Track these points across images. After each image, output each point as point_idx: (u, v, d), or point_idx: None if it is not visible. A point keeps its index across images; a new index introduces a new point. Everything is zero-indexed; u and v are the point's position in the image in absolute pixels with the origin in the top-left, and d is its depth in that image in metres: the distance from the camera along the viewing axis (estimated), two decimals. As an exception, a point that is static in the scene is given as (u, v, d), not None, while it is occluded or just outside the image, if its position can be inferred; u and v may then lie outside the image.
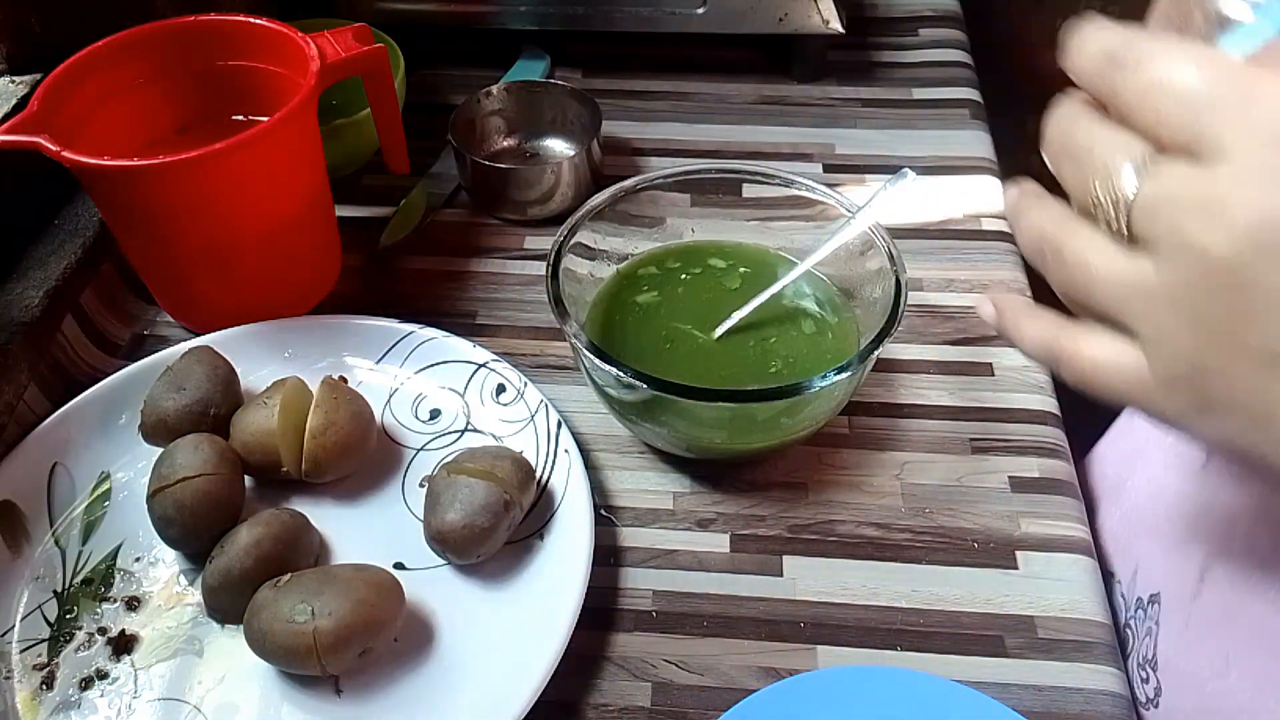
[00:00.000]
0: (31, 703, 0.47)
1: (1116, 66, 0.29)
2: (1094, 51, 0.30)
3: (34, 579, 0.52)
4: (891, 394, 0.62)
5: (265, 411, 0.53)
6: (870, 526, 0.55)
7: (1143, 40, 0.29)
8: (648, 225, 0.63)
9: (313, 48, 0.59)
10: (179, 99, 0.63)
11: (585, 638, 0.49)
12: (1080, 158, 0.30)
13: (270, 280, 0.63)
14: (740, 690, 0.48)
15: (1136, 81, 0.28)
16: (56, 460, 0.55)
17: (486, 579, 0.52)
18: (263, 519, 0.49)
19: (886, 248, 0.55)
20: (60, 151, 0.52)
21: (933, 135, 0.80)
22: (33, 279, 0.60)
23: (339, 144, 0.71)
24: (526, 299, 0.68)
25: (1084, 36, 0.31)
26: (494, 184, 0.72)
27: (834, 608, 0.52)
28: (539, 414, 0.57)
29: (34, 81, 0.61)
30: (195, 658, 0.49)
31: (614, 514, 0.56)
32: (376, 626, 0.46)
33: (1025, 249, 0.33)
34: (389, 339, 0.61)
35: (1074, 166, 0.31)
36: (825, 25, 0.80)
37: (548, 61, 0.87)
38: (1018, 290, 0.68)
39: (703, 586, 0.53)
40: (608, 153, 0.77)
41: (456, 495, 0.50)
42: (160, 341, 0.64)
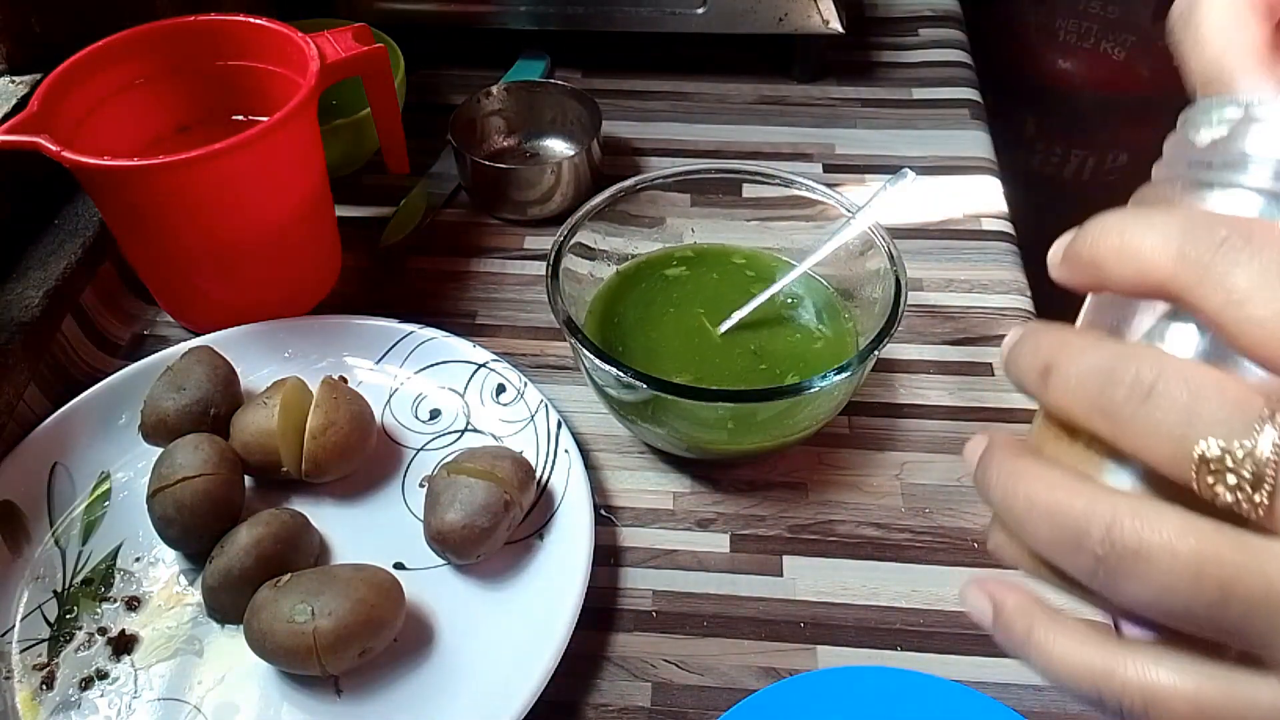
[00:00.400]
0: (31, 703, 0.47)
1: (1228, 245, 0.22)
2: (1172, 228, 0.23)
3: (34, 579, 0.52)
4: (891, 394, 0.62)
5: (265, 411, 0.53)
6: (870, 526, 0.55)
7: (1246, 228, 0.22)
8: (648, 225, 0.63)
9: (313, 48, 0.59)
10: (179, 99, 0.63)
11: (585, 638, 0.49)
12: (1174, 397, 0.21)
13: (270, 280, 0.63)
14: (740, 690, 0.48)
15: (1266, 260, 0.21)
16: (56, 460, 0.55)
17: (486, 579, 0.52)
18: (263, 519, 0.49)
19: (886, 248, 0.55)
20: (60, 151, 0.52)
21: (933, 135, 0.80)
22: (33, 279, 0.60)
23: (339, 144, 0.71)
24: (526, 299, 0.68)
25: (1124, 222, 0.23)
26: (494, 184, 0.72)
27: (834, 608, 0.52)
28: (539, 414, 0.57)
29: (34, 81, 0.61)
30: (195, 658, 0.49)
31: (614, 514, 0.56)
32: (376, 626, 0.46)
33: (1040, 544, 0.24)
34: (389, 339, 0.61)
35: (1165, 408, 0.22)
36: (825, 25, 0.80)
37: (548, 61, 0.87)
38: (1017, 290, 0.68)
39: (703, 586, 0.53)
40: (608, 153, 0.77)
41: (456, 495, 0.50)
42: (160, 341, 0.64)
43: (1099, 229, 0.24)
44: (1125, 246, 0.23)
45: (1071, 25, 1.21)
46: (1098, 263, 0.23)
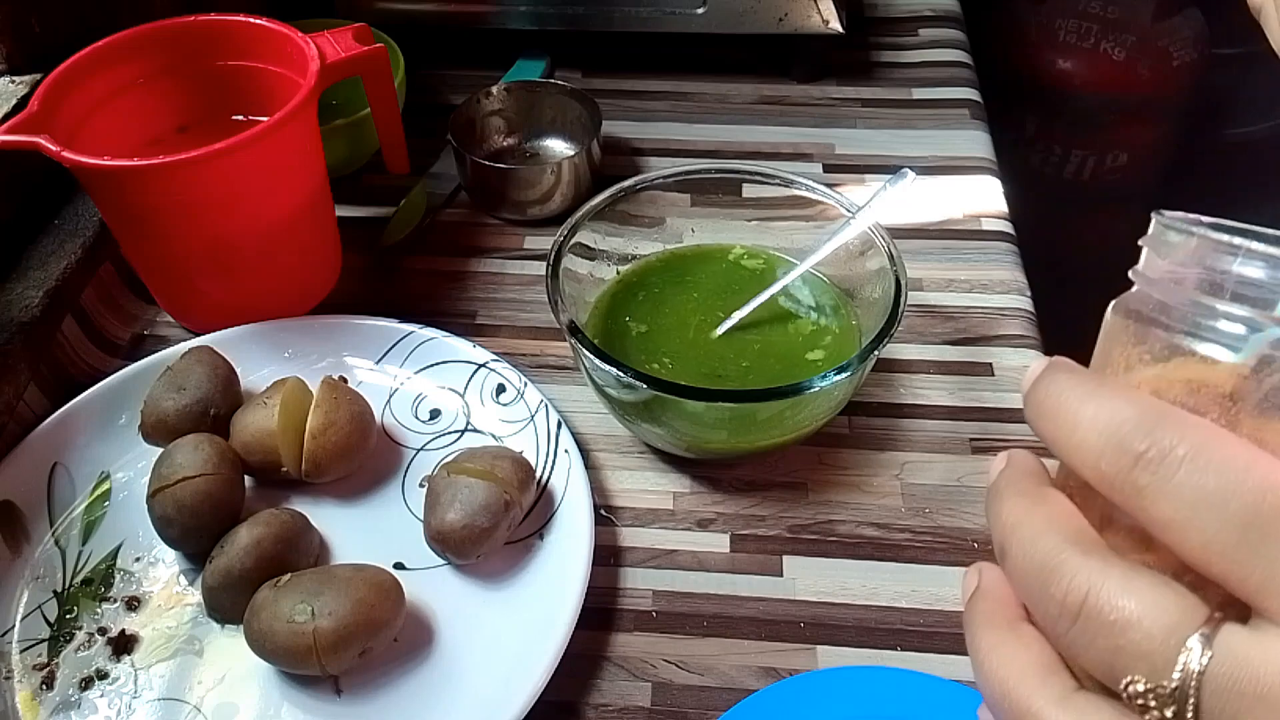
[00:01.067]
0: (31, 703, 0.47)
1: (1142, 465, 0.22)
2: (1095, 435, 0.23)
3: (34, 579, 0.52)
4: (891, 394, 0.62)
5: (265, 411, 0.53)
6: (870, 526, 0.55)
7: (1178, 423, 0.22)
8: (648, 225, 0.63)
9: (313, 48, 0.59)
10: (179, 99, 0.63)
11: (585, 638, 0.49)
12: (1100, 624, 0.22)
13: (270, 280, 0.63)
14: (740, 690, 0.48)
15: (1177, 488, 0.21)
16: (56, 460, 0.55)
17: (486, 579, 0.52)
18: (263, 519, 0.49)
19: (886, 248, 0.55)
20: (60, 151, 0.52)
21: (933, 135, 0.80)
22: (33, 279, 0.60)
23: (339, 144, 0.71)
24: (526, 299, 0.68)
25: (1071, 399, 0.24)
26: (494, 184, 0.72)
27: (834, 608, 0.52)
28: (539, 414, 0.57)
29: (34, 81, 0.61)
30: (195, 658, 0.49)
31: (614, 514, 0.56)
32: (376, 626, 0.46)
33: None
34: (389, 339, 0.61)
35: (1090, 634, 0.22)
36: (825, 25, 0.80)
37: (548, 61, 0.87)
38: (1017, 290, 0.68)
39: (703, 586, 0.53)
40: (608, 153, 0.77)
41: (456, 495, 0.50)
42: (160, 341, 0.64)
43: (1042, 404, 0.24)
44: (1059, 436, 0.24)
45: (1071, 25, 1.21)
46: (1040, 435, 0.25)
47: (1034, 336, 0.65)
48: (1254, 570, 0.20)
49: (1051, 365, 0.25)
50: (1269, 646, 0.20)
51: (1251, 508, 0.20)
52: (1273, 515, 0.20)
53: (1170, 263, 0.25)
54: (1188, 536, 0.21)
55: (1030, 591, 0.24)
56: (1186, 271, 0.24)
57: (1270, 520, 0.20)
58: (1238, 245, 0.23)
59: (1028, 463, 0.26)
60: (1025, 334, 0.65)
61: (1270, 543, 0.20)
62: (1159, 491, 0.21)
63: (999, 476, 0.26)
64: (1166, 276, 0.25)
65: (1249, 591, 0.21)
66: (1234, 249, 0.23)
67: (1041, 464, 0.26)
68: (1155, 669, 0.21)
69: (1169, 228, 0.25)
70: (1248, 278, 0.23)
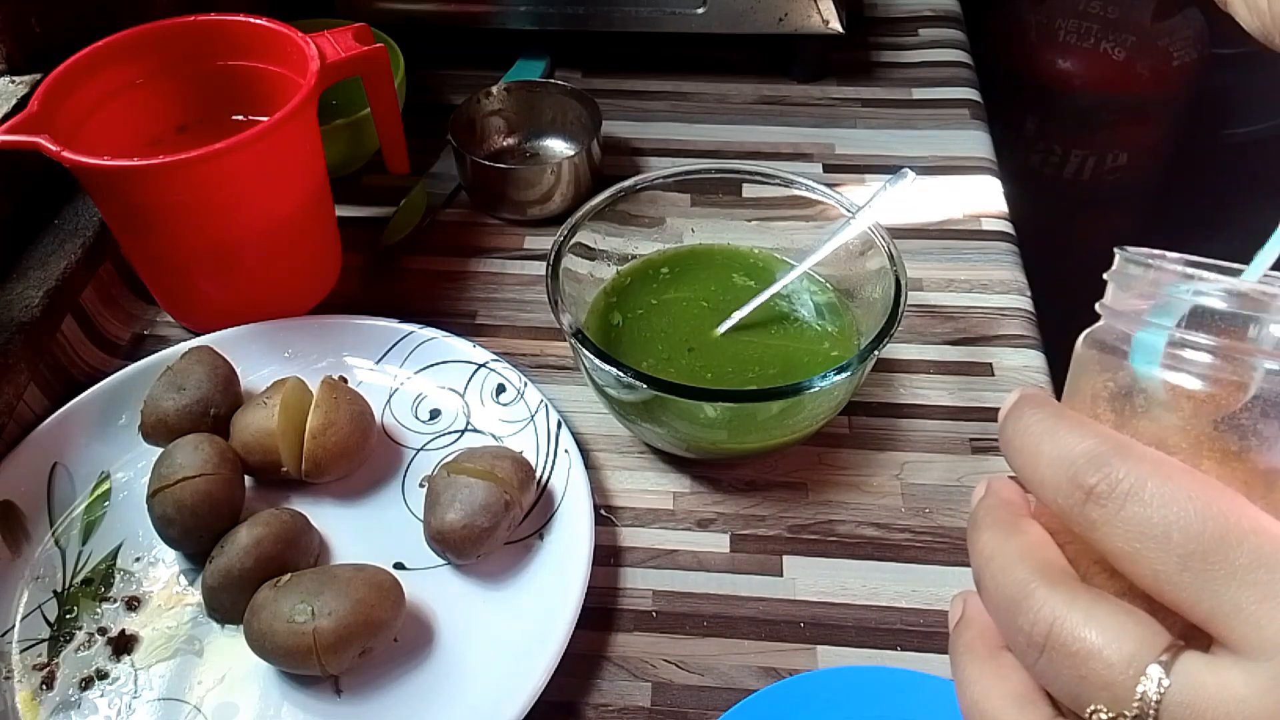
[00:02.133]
0: (31, 703, 0.47)
1: (1093, 500, 0.22)
2: (1052, 470, 0.24)
3: (34, 579, 0.52)
4: (891, 394, 0.62)
5: (265, 411, 0.53)
6: (870, 526, 0.55)
7: (1125, 455, 0.22)
8: (648, 225, 0.63)
9: (313, 48, 0.59)
10: (179, 99, 0.63)
11: (585, 638, 0.49)
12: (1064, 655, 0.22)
13: (270, 280, 0.63)
14: (740, 690, 0.48)
15: (1124, 522, 0.22)
16: (56, 460, 0.55)
17: (486, 579, 0.52)
18: (263, 519, 0.49)
19: (886, 248, 0.55)
20: (60, 151, 0.52)
21: (933, 135, 0.80)
22: (33, 279, 0.60)
23: (339, 144, 0.71)
24: (526, 299, 0.68)
25: (1034, 435, 0.24)
26: (494, 184, 0.72)
27: (834, 608, 0.52)
28: (539, 414, 0.57)
29: (34, 81, 0.61)
30: (195, 658, 0.49)
31: (614, 514, 0.56)
32: (376, 626, 0.46)
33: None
34: (389, 339, 0.61)
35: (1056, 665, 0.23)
36: (825, 25, 0.80)
37: (548, 61, 0.87)
38: (1017, 290, 0.68)
39: (703, 586, 0.53)
40: (608, 153, 0.77)
41: (456, 495, 0.50)
42: (160, 341, 0.64)
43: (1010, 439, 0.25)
44: (1024, 471, 0.25)
45: (1071, 25, 1.21)
46: (1012, 469, 0.25)
47: (1034, 336, 0.65)
48: (1201, 598, 0.21)
49: (1021, 399, 0.26)
50: (1223, 674, 0.20)
51: (1194, 538, 0.21)
52: (1214, 545, 0.21)
53: (1133, 295, 0.25)
54: (1138, 568, 0.22)
55: (1002, 623, 0.24)
56: (1147, 304, 0.25)
57: (1212, 550, 0.21)
58: (1192, 275, 0.24)
59: (1005, 492, 0.27)
60: (1025, 334, 0.65)
61: (1213, 572, 0.21)
62: (1109, 525, 0.22)
63: (978, 506, 0.27)
64: (1129, 309, 0.25)
65: (1201, 619, 0.21)
66: (1189, 279, 0.24)
67: (1020, 493, 0.27)
68: (1116, 698, 0.21)
69: (1130, 261, 0.25)
70: (1204, 307, 0.23)
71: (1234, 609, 0.20)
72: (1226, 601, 0.21)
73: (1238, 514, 0.21)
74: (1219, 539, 0.21)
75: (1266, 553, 0.20)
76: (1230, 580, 0.21)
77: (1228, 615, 0.21)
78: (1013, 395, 0.26)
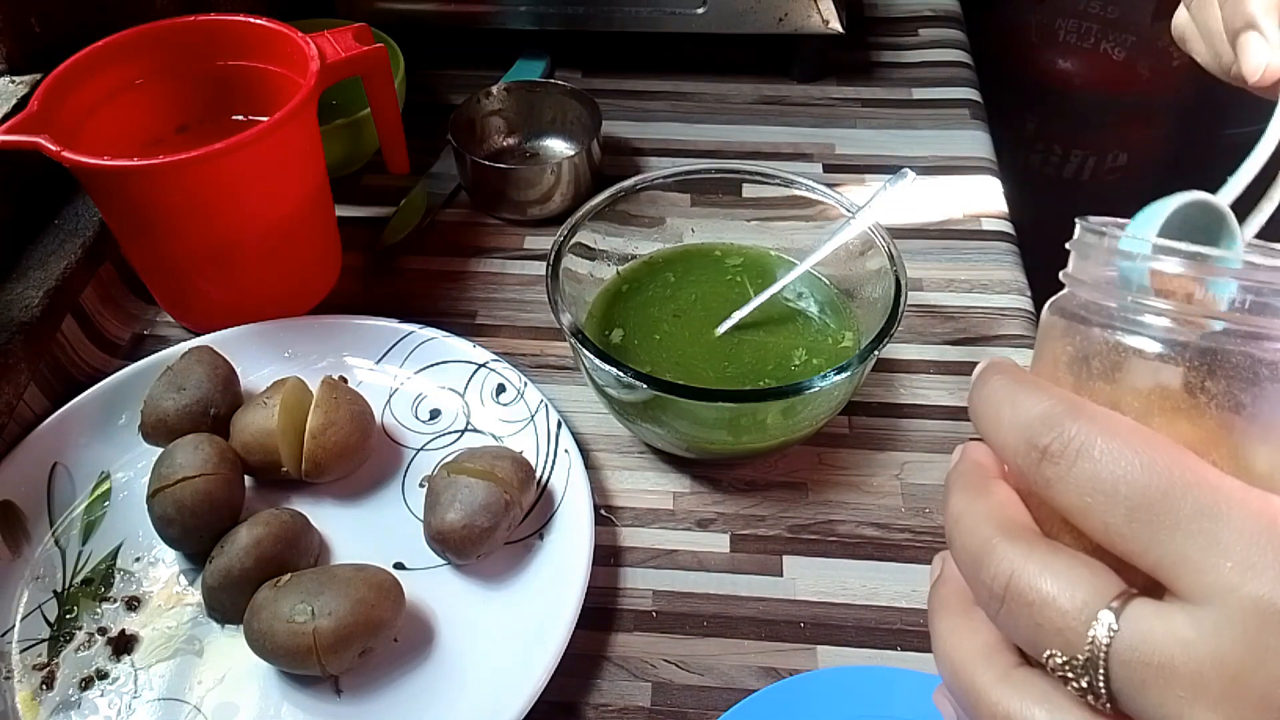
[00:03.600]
0: (31, 703, 0.47)
1: (1047, 459, 0.23)
2: (1012, 433, 0.24)
3: (34, 579, 0.52)
4: (891, 394, 0.62)
5: (265, 411, 0.53)
6: (870, 526, 0.55)
7: (1076, 415, 0.23)
8: (648, 225, 0.63)
9: (313, 48, 0.59)
10: (179, 99, 0.63)
11: (585, 638, 0.49)
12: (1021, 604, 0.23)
13: (270, 280, 0.63)
14: (740, 690, 0.48)
15: (1075, 479, 0.23)
16: (56, 460, 0.55)
17: (486, 579, 0.52)
18: (263, 519, 0.49)
19: (886, 248, 0.55)
20: (60, 151, 0.52)
21: (933, 135, 0.80)
22: (33, 279, 0.60)
23: (339, 144, 0.71)
24: (526, 299, 0.68)
25: (995, 400, 0.25)
26: (494, 184, 0.72)
27: (834, 608, 0.52)
28: (539, 414, 0.57)
29: (34, 81, 0.61)
30: (195, 658, 0.49)
31: (614, 514, 0.56)
32: (376, 626, 0.46)
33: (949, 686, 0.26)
34: (389, 339, 0.61)
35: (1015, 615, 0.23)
36: (825, 25, 0.80)
37: (548, 61, 0.87)
38: (1017, 290, 0.68)
39: (703, 586, 0.53)
40: (608, 153, 0.77)
41: (456, 495, 0.50)
42: (160, 341, 0.64)
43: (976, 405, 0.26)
44: (989, 435, 0.26)
45: (1071, 25, 1.21)
46: (980, 434, 0.26)
47: (1034, 336, 0.65)
48: (1149, 548, 0.22)
49: (989, 366, 0.27)
50: (1171, 619, 0.21)
51: (1139, 491, 0.22)
52: (1159, 497, 0.21)
53: (1093, 264, 0.26)
54: (1090, 522, 0.23)
55: (969, 578, 0.25)
56: (1107, 272, 0.25)
57: (1157, 501, 0.21)
58: (1142, 241, 0.25)
59: (977, 455, 0.28)
60: (1025, 334, 0.65)
61: (1158, 523, 0.21)
62: (1062, 482, 0.23)
63: (952, 469, 0.28)
64: (1090, 277, 0.26)
65: (1150, 567, 0.22)
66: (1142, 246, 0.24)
67: (992, 455, 0.28)
68: (1069, 643, 0.22)
69: (1088, 230, 0.26)
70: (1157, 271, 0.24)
71: (1179, 557, 0.21)
72: (1172, 551, 0.21)
73: (1182, 468, 0.22)
74: (1163, 492, 0.21)
75: (1208, 503, 0.21)
76: (1175, 531, 0.21)
77: (1174, 564, 0.21)
78: (981, 363, 0.27)
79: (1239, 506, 0.21)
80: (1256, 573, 0.20)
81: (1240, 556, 0.21)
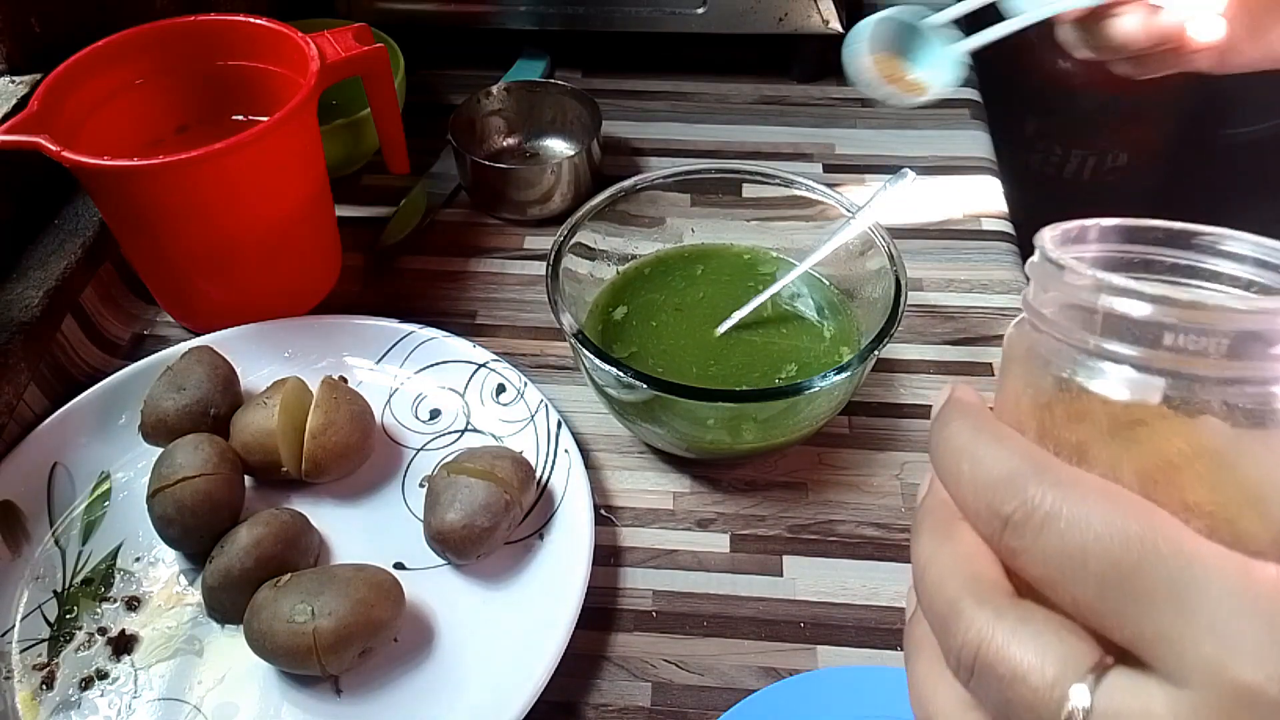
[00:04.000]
0: (31, 703, 0.47)
1: (1010, 529, 0.22)
2: (972, 494, 0.23)
3: (34, 579, 0.52)
4: (891, 394, 0.62)
5: (265, 411, 0.53)
6: (870, 526, 0.55)
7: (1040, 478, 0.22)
8: (648, 225, 0.63)
9: (313, 48, 0.59)
10: (179, 99, 0.63)
11: (585, 638, 0.49)
12: (991, 677, 0.22)
13: (270, 280, 0.63)
14: (740, 690, 0.48)
15: (1041, 550, 0.21)
16: (56, 460, 0.55)
17: (486, 579, 0.52)
18: (263, 519, 0.49)
19: (886, 248, 0.55)
20: (60, 151, 0.52)
21: (933, 135, 0.80)
22: (33, 279, 0.60)
23: (339, 144, 0.71)
24: (526, 299, 0.68)
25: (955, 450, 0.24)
26: (494, 184, 0.72)
27: (834, 608, 0.52)
28: (539, 414, 0.57)
29: (34, 81, 0.61)
30: (195, 658, 0.49)
31: (614, 514, 0.56)
32: (376, 626, 0.46)
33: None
34: (389, 339, 0.61)
35: (985, 687, 0.22)
36: (825, 25, 0.80)
37: (548, 61, 0.87)
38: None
39: (703, 586, 0.53)
40: (608, 153, 0.77)
41: (456, 495, 0.50)
42: (160, 341, 0.64)
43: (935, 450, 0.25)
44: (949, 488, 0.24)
45: (1072, 25, 1.20)
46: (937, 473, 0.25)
47: (1034, 336, 0.65)
48: (1123, 624, 0.20)
49: (948, 405, 0.25)
50: (1147, 696, 0.20)
51: (1110, 565, 0.20)
52: (1132, 570, 0.20)
53: (1051, 294, 0.24)
54: (1059, 595, 0.21)
55: (938, 636, 0.24)
56: (1069, 306, 0.23)
57: (1130, 575, 0.20)
58: (1103, 281, 0.22)
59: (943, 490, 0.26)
60: (1025, 334, 0.65)
61: (1132, 598, 0.20)
62: (1027, 554, 0.21)
63: (920, 502, 0.26)
64: (1050, 309, 0.24)
65: (1126, 643, 0.20)
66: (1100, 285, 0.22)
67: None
68: (1041, 719, 0.21)
69: (1048, 261, 0.24)
70: (1114, 311, 0.22)
71: (1155, 634, 0.20)
72: (1148, 627, 0.20)
73: (1155, 534, 0.20)
74: (1135, 564, 0.20)
75: (1184, 575, 0.20)
76: (1150, 606, 0.20)
77: (1150, 641, 0.20)
78: (942, 393, 0.25)
79: (1218, 576, 0.19)
80: (1237, 654, 0.19)
81: (1220, 635, 0.19)
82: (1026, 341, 0.25)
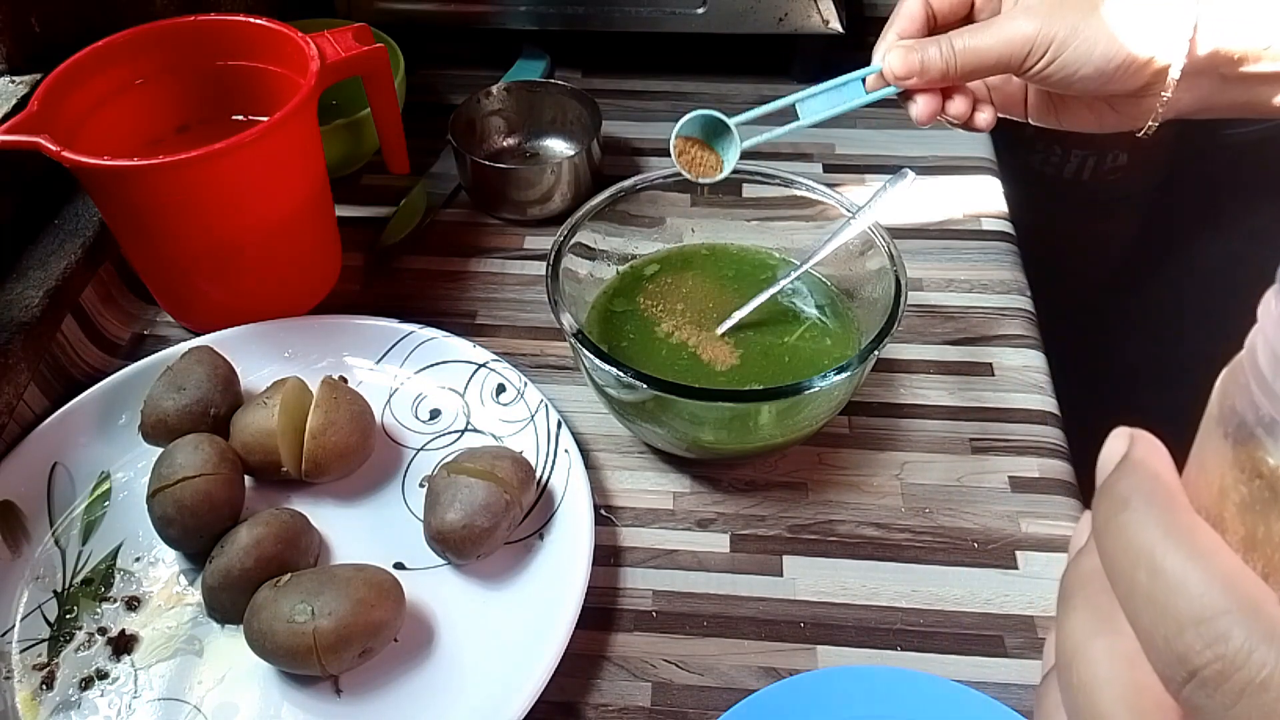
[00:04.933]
0: (31, 703, 0.47)
1: (1198, 684, 0.17)
2: (1150, 621, 0.18)
3: (34, 579, 0.52)
4: (891, 394, 0.62)
5: (265, 411, 0.53)
6: (870, 526, 0.55)
7: (1246, 625, 0.17)
8: (648, 225, 0.63)
9: (313, 48, 0.59)
10: (179, 99, 0.63)
11: (585, 638, 0.49)
12: None
13: (270, 280, 0.63)
14: (740, 690, 0.48)
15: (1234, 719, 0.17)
16: (56, 460, 0.55)
17: (486, 579, 0.52)
18: (263, 519, 0.49)
19: (886, 248, 0.55)
20: (60, 151, 0.52)
21: (933, 135, 0.80)
22: (33, 279, 0.60)
23: (339, 144, 0.71)
24: (526, 299, 0.68)
25: (1134, 552, 0.19)
26: (494, 184, 0.72)
27: (834, 608, 0.52)
28: (539, 414, 0.57)
29: (34, 81, 0.61)
30: (195, 658, 0.49)
31: (614, 514, 0.56)
32: (376, 626, 0.46)
33: None
34: (389, 339, 0.61)
35: None
36: (825, 25, 0.80)
37: (548, 61, 0.87)
38: (1017, 290, 0.68)
39: (703, 586, 0.53)
40: (608, 153, 0.77)
41: (456, 495, 0.50)
42: (160, 341, 0.64)
43: (1104, 536, 0.20)
44: (1118, 589, 0.20)
45: (1071, 25, 1.20)
46: (1105, 568, 0.20)
47: (1034, 336, 0.65)
48: None
49: (1129, 468, 0.19)
50: None
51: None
52: None
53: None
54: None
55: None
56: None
57: None
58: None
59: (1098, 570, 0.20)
60: (1025, 334, 0.65)
61: None
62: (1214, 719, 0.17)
63: (1074, 565, 0.21)
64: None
65: None
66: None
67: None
68: None
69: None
70: None
71: None
72: None
73: None
74: None
75: None
76: None
77: None
78: (1116, 445, 0.19)
79: None
80: None
81: None
82: (1239, 421, 0.19)
